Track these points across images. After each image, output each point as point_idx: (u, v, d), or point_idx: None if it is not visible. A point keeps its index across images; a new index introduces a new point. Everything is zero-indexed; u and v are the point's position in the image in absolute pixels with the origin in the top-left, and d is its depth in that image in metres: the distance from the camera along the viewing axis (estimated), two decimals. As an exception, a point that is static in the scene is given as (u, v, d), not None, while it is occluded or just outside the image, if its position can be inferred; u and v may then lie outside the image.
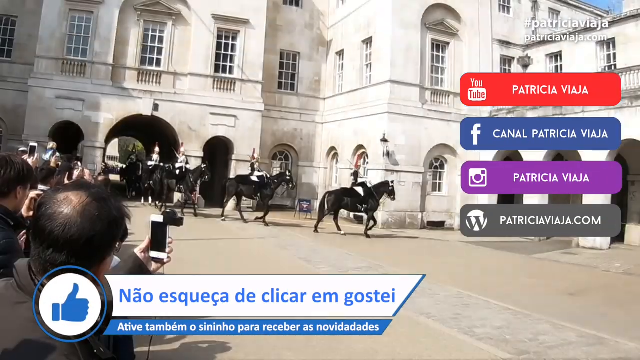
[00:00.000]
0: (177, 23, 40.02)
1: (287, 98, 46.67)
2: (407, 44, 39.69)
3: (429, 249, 28.84)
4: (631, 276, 23.21)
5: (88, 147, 37.76)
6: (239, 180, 34.19)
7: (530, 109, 37.24)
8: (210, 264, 17.16)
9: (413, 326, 11.88)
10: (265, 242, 25.48)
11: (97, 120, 37.52)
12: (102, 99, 37.60)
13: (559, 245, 33.40)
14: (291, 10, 47.06)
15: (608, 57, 39.11)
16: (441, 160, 41.06)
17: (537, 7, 46.18)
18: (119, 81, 38.38)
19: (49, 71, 36.87)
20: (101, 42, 38.01)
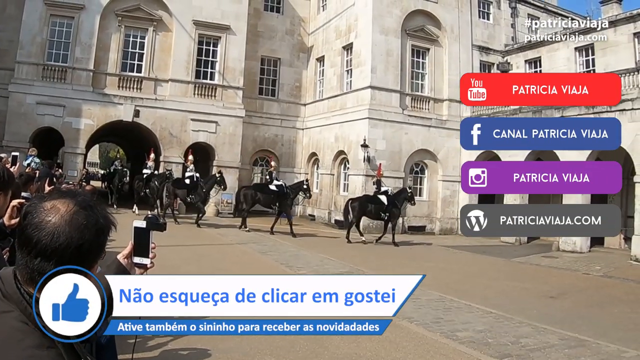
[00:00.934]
0: (158, 29, 39.91)
1: (268, 104, 46.71)
2: (388, 50, 39.84)
3: (410, 253, 28.86)
4: (611, 279, 23.42)
5: (68, 153, 37.55)
6: (257, 188, 33.73)
7: (510, 114, 37.47)
8: (191, 269, 17.07)
9: (396, 330, 11.93)
10: (246, 248, 25.34)
11: (77, 126, 37.28)
12: (82, 105, 37.36)
13: (539, 248, 33.68)
14: (272, 17, 47.08)
15: (587, 63, 39.43)
16: (422, 165, 41.24)
17: (516, 13, 46.47)
18: (99, 87, 38.15)
19: (30, 77, 36.61)
20: (82, 48, 37.77)
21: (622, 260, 28.97)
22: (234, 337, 10.48)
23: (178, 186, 34.02)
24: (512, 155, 36.33)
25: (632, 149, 29.63)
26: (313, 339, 10.79)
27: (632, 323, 14.62)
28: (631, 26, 35.85)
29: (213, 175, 35.00)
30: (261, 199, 32.81)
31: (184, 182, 34.14)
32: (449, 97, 41.82)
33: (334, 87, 44.11)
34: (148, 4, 39.57)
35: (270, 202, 32.92)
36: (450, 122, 41.25)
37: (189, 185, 33.83)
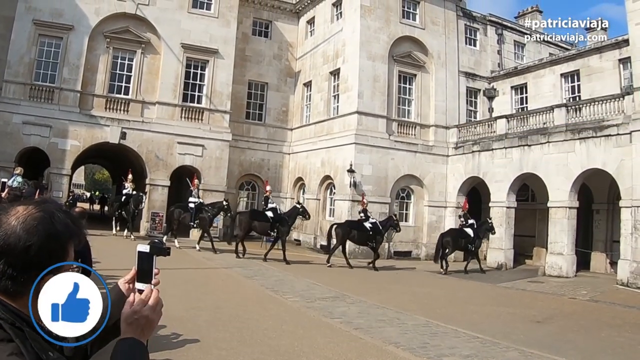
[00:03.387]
0: (146, 51, 39.86)
1: (255, 128, 46.75)
2: (375, 76, 40.06)
3: (396, 278, 28.78)
4: (597, 303, 23.48)
5: (54, 174, 37.27)
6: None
7: (495, 140, 37.63)
8: (176, 293, 16.97)
9: (382, 355, 11.92)
10: (231, 272, 25.24)
11: (63, 147, 37.01)
12: (69, 125, 37.12)
13: (525, 273, 33.81)
14: (260, 41, 47.30)
15: (572, 89, 39.70)
16: (408, 190, 41.34)
17: (502, 40, 46.77)
18: (86, 108, 37.94)
19: (17, 96, 36.35)
20: (70, 69, 37.62)
21: (608, 284, 29.03)
22: (212, 350, 10.74)
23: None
24: (499, 181, 36.54)
25: (617, 173, 29.76)
26: (295, 353, 10.78)
27: (619, 347, 14.63)
28: (616, 52, 36.17)
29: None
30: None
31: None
32: (436, 123, 42.05)
33: (321, 112, 44.25)
34: (137, 26, 39.58)
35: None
36: (436, 147, 41.51)
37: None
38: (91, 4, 38.45)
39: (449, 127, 42.54)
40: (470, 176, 40.19)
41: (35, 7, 37.20)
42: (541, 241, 36.82)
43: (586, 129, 31.83)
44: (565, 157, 32.84)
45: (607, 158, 30.47)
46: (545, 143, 34.19)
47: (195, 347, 11.13)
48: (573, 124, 32.94)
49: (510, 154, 36.72)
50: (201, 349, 11.03)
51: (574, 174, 32.35)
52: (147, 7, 39.77)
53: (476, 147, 39.60)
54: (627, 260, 28.64)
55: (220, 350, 11.24)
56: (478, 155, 39.42)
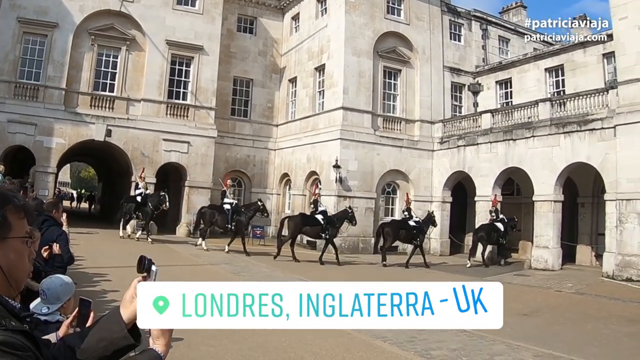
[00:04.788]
0: (131, 48, 39.67)
1: (240, 124, 46.74)
2: (360, 71, 40.09)
3: (380, 273, 28.83)
4: (583, 295, 23.62)
5: (40, 172, 37.10)
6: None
7: (480, 134, 37.73)
8: None
9: (369, 350, 11.94)
10: (219, 269, 25.18)
11: (49, 145, 36.77)
12: (54, 123, 36.89)
13: (511, 267, 33.99)
14: (245, 38, 47.22)
15: (557, 84, 39.87)
16: (393, 185, 41.45)
17: (487, 35, 46.89)
18: (71, 106, 37.72)
19: (1, 94, 36.00)
20: (55, 66, 37.36)
21: (593, 277, 29.19)
22: (205, 358, 10.59)
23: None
24: (484, 176, 36.66)
25: (602, 167, 29.94)
26: (286, 359, 10.84)
27: (605, 339, 14.72)
28: (600, 47, 36.35)
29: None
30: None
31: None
32: (421, 118, 42.13)
33: (306, 108, 44.27)
34: (121, 23, 39.35)
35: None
36: (421, 142, 41.61)
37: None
38: (75, 1, 38.19)
39: (434, 122, 42.67)
40: (456, 171, 40.31)
41: (20, 4, 36.90)
42: (527, 235, 36.97)
43: (571, 123, 31.98)
44: (550, 151, 33.00)
45: (592, 152, 30.64)
46: (530, 137, 34.34)
47: (182, 344, 11.08)
48: (557, 118, 33.11)
49: (495, 148, 36.86)
50: (189, 346, 10.97)
51: (559, 168, 32.51)
52: (131, 4, 39.52)
53: (461, 141, 39.74)
54: (612, 253, 28.83)
55: (208, 347, 11.22)
56: (463, 149, 39.54)
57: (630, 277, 27.31)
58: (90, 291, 14.74)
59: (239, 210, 33.42)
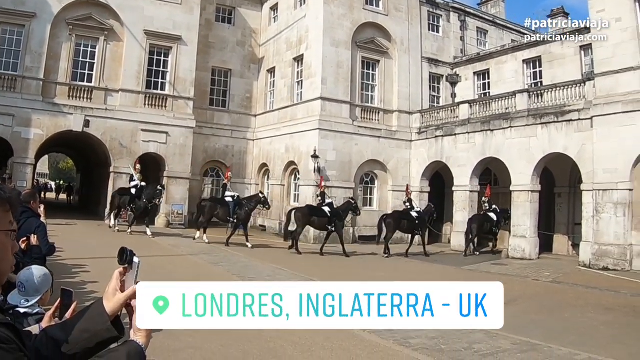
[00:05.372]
0: (109, 38, 39.36)
1: (219, 115, 46.73)
2: (338, 62, 40.13)
3: (361, 263, 29.05)
4: (560, 284, 23.85)
5: (18, 164, 36.74)
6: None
7: (458, 125, 37.92)
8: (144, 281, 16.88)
9: (349, 339, 11.97)
10: (198, 259, 25.16)
11: (27, 136, 36.45)
12: (32, 114, 36.55)
13: (489, 256, 34.21)
14: (223, 28, 47.16)
15: (534, 75, 40.13)
16: (372, 175, 41.56)
17: (465, 26, 47.07)
18: (49, 97, 37.38)
19: (-21, 85, 35.93)
20: (32, 57, 36.96)
21: (570, 266, 29.48)
22: (186, 349, 10.54)
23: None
24: (462, 166, 36.86)
25: (578, 158, 30.25)
26: (266, 348, 10.87)
27: (583, 327, 14.87)
28: (578, 39, 36.50)
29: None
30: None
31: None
32: (399, 109, 42.26)
33: (285, 99, 44.29)
34: (100, 13, 39.04)
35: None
36: (400, 133, 41.75)
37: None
38: (54, -9, 37.89)
39: (412, 112, 42.80)
40: (434, 161, 40.48)
41: (-3, -6, 36.56)
42: (504, 224, 37.23)
43: (548, 114, 32.23)
44: (527, 141, 33.24)
45: (569, 143, 30.90)
46: (508, 128, 34.56)
47: (162, 335, 10.98)
48: (535, 109, 33.35)
49: (473, 138, 37.06)
50: (169, 336, 10.85)
51: (536, 159, 32.78)
52: (110, -7, 39.30)
53: (439, 132, 39.92)
54: (589, 242, 29.16)
55: (189, 337, 11.23)
56: (441, 140, 39.73)
57: (606, 266, 27.72)
58: (69, 282, 14.74)
59: (241, 202, 33.33)
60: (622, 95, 28.08)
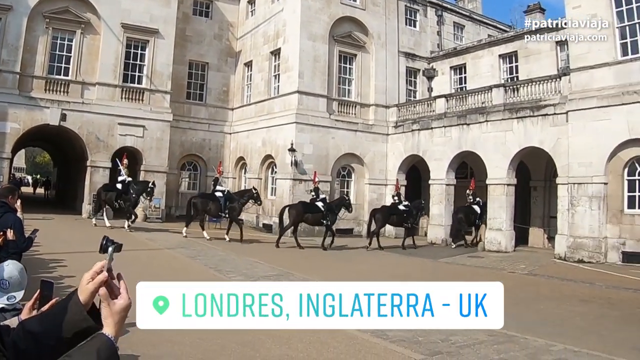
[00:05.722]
0: (86, 32, 39.05)
1: (196, 108, 46.71)
2: (315, 56, 40.24)
3: (338, 256, 29.15)
4: (536, 277, 24.13)
5: (-6, 158, 36.68)
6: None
7: (435, 119, 38.11)
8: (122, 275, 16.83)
9: (326, 331, 12.02)
10: (175, 253, 25.23)
11: (3, 130, 36.08)
12: (8, 108, 36.17)
13: (465, 249, 34.35)
14: (201, 21, 47.10)
15: (510, 70, 40.41)
16: (348, 169, 41.77)
17: (442, 21, 47.26)
18: (26, 90, 37.03)
19: (-46, 79, 35.64)
20: (9, 50, 36.55)
21: (546, 258, 29.79)
22: (164, 343, 10.52)
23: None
24: (438, 159, 37.06)
25: (554, 152, 30.57)
26: (244, 341, 10.87)
27: (559, 318, 15.06)
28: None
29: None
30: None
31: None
32: (376, 102, 42.48)
33: (262, 92, 44.33)
34: (76, 6, 38.68)
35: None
36: (376, 126, 41.94)
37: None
38: (30, -16, 37.60)
39: (389, 106, 43.02)
40: (410, 154, 40.68)
41: (-27, -13, 36.23)
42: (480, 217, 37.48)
43: (524, 108, 32.51)
44: (503, 135, 33.50)
45: (544, 137, 31.21)
46: (484, 122, 34.81)
47: (140, 329, 11.04)
48: (511, 103, 33.63)
49: (449, 132, 37.30)
50: (147, 330, 10.91)
51: (512, 152, 33.07)
52: (87, -14, 39.03)
53: (416, 125, 40.13)
54: (564, 235, 29.49)
55: (167, 330, 11.18)
56: (418, 133, 39.93)
57: (581, 258, 28.07)
58: (46, 277, 14.74)
59: (232, 197, 33.41)
60: (597, 90, 28.41)
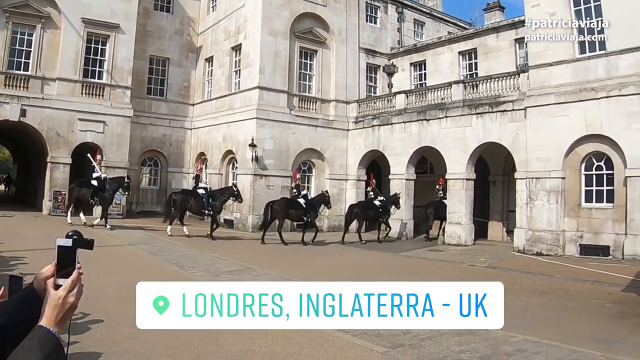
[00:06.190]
0: (46, 26, 38.64)
1: (157, 104, 46.53)
2: (276, 51, 40.32)
3: (300, 250, 29.37)
4: (495, 269, 24.60)
5: (-47, 154, 36.36)
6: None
7: (395, 115, 38.36)
8: (82, 272, 16.74)
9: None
10: (136, 249, 25.21)
11: (-39, 127, 36.02)
12: (-33, 104, 36.03)
13: (425, 243, 34.81)
14: (162, 16, 46.91)
15: (469, 66, 40.82)
16: (309, 164, 41.98)
17: (402, 18, 47.55)
18: (-15, 86, 36.84)
19: None
20: (-32, 45, 36.41)
21: (505, 252, 30.33)
22: (127, 339, 10.54)
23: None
24: (398, 155, 37.36)
25: (512, 147, 31.08)
26: (207, 337, 10.92)
27: (519, 310, 15.25)
28: (512, 32, 37.44)
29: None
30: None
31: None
32: (336, 98, 42.70)
33: (223, 88, 44.35)
34: (37, 0, 38.18)
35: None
36: (337, 122, 42.18)
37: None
38: (-11, -22, 37.19)
39: (349, 102, 43.28)
40: (370, 150, 40.96)
41: None
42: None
43: (483, 104, 32.98)
44: (462, 131, 33.93)
45: (503, 132, 31.70)
46: (443, 118, 35.22)
47: (102, 326, 11.07)
48: (470, 99, 34.06)
49: (409, 128, 37.64)
50: (109, 327, 11.07)
51: (471, 148, 33.53)
52: (47, -20, 38.68)
53: (376, 121, 40.44)
54: (522, 228, 30.02)
55: (129, 327, 10.77)
56: (378, 129, 40.26)
57: (540, 251, 28.71)
58: (7, 275, 14.70)
59: (214, 194, 33.25)
60: (555, 87, 28.95)
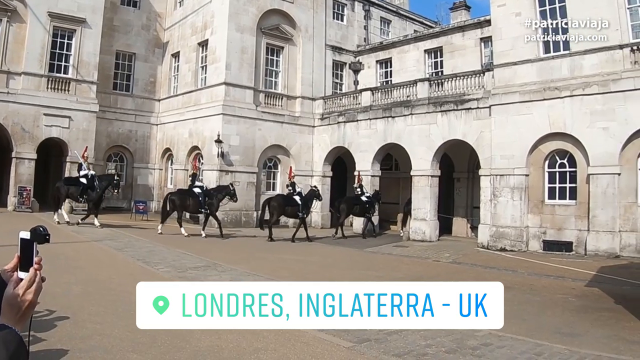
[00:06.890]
0: (12, 20, 38.34)
1: (122, 99, 46.37)
2: (243, 47, 40.40)
3: (265, 246, 29.43)
4: (460, 265, 24.80)
5: None
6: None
7: (360, 112, 38.60)
8: (47, 268, 16.50)
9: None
10: (102, 245, 24.95)
11: None
12: None
13: (390, 238, 35.24)
14: (128, 11, 46.68)
15: (435, 64, 41.17)
16: (275, 160, 42.11)
17: (369, 15, 47.81)
18: (-51, 80, 36.45)
19: None
20: None
21: (469, 247, 30.77)
22: (93, 336, 10.51)
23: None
24: (363, 151, 37.60)
25: (477, 144, 31.50)
26: (173, 333, 10.84)
27: (482, 304, 15.56)
28: (478, 32, 37.88)
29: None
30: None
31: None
32: (302, 95, 42.91)
33: (189, 83, 44.35)
34: (3, -6, 38.14)
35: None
36: (302, 118, 42.41)
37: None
38: (-48, -31, 36.84)
39: (315, 98, 43.54)
40: (336, 146, 41.20)
41: None
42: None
43: (448, 102, 33.34)
44: (427, 128, 34.27)
45: (468, 130, 32.09)
46: (409, 115, 35.51)
47: (69, 323, 10.97)
48: (435, 97, 34.44)
49: (374, 125, 37.94)
50: (75, 324, 11.00)
51: (436, 145, 33.88)
52: (13, -26, 38.39)
53: (342, 118, 40.72)
54: (486, 224, 30.43)
55: (95, 324, 11.24)
56: (343, 126, 40.53)
57: (503, 247, 29.18)
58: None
59: (210, 193, 33.10)
60: (520, 86, 29.38)
